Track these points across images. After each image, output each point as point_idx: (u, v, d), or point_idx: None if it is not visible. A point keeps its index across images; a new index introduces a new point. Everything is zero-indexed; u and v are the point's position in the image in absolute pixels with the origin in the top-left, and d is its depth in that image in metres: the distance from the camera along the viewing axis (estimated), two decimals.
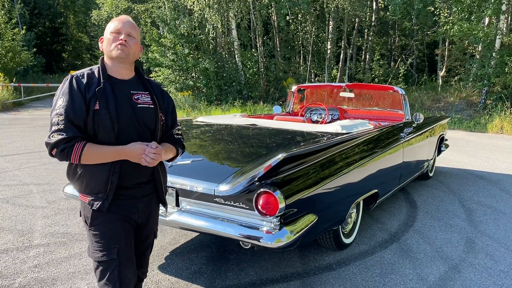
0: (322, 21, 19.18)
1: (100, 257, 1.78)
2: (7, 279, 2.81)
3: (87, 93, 1.69)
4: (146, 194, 1.90)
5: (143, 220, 1.92)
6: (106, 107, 1.70)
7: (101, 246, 1.78)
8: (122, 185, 1.78)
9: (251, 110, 14.24)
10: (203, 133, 3.83)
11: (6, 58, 19.51)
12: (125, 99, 1.78)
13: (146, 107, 1.83)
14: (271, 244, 2.32)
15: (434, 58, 19.89)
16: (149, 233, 2.00)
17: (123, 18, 1.84)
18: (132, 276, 1.85)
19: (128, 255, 1.83)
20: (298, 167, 2.63)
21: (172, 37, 16.31)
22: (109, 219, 1.78)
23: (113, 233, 1.79)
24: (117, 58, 1.78)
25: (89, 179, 1.75)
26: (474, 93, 14.08)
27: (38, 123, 12.06)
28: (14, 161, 6.58)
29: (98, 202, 1.74)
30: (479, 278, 2.94)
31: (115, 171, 1.73)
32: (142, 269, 2.06)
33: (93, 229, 1.79)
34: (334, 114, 5.37)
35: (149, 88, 1.89)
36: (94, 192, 1.76)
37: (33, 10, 32.79)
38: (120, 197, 1.79)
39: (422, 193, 5.08)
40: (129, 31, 1.80)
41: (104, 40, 1.81)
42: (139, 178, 1.84)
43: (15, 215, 4.09)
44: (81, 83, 1.71)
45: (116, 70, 1.81)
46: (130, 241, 1.86)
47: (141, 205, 1.88)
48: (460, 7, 12.58)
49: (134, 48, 1.81)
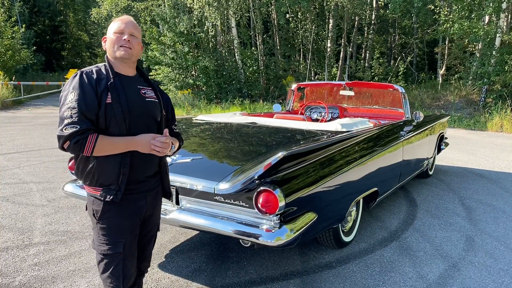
0: (322, 19, 19.16)
1: (106, 250, 1.82)
2: (7, 277, 2.82)
3: (98, 87, 1.75)
4: (153, 187, 1.98)
5: (150, 213, 1.99)
6: (118, 100, 1.76)
7: (108, 240, 1.83)
8: (132, 178, 1.83)
9: (251, 109, 14.24)
10: (203, 131, 3.83)
11: (6, 56, 19.50)
12: (134, 92, 1.86)
13: (153, 101, 1.92)
14: (271, 242, 2.32)
15: (434, 56, 19.90)
16: (153, 225, 2.06)
17: (126, 19, 1.89)
18: (134, 271, 1.93)
19: (132, 250, 1.90)
20: (298, 165, 2.63)
21: (172, 35, 16.30)
22: (118, 213, 1.83)
23: (121, 228, 1.84)
24: (121, 58, 1.84)
25: (101, 171, 1.79)
26: (474, 92, 14.08)
27: (38, 121, 12.06)
28: (14, 160, 6.58)
29: (111, 193, 1.79)
30: (478, 276, 2.94)
31: (125, 163, 1.78)
32: (145, 263, 2.11)
33: (102, 223, 1.83)
34: (334, 113, 5.37)
35: (151, 84, 1.99)
36: (106, 184, 1.80)
37: (32, 8, 32.76)
38: (130, 191, 1.84)
39: (422, 191, 5.09)
40: (131, 31, 1.86)
41: (107, 40, 1.86)
42: (147, 171, 1.91)
43: (15, 213, 4.09)
44: (91, 78, 1.76)
45: (120, 68, 1.87)
46: (135, 236, 1.92)
47: (149, 198, 1.95)
48: (460, 5, 12.57)
49: (136, 48, 1.88)
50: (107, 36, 1.88)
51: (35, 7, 33.28)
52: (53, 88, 20.75)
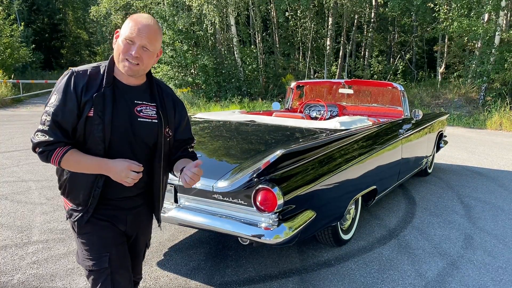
0: (321, 17, 19.14)
1: (91, 266, 1.64)
2: (6, 276, 2.81)
3: (84, 95, 1.52)
4: (135, 206, 1.74)
5: (132, 233, 1.77)
6: (101, 116, 1.53)
7: (91, 255, 1.64)
8: (106, 197, 1.63)
9: (250, 107, 14.23)
10: (202, 129, 3.82)
11: (5, 55, 19.48)
12: (125, 109, 1.59)
13: (148, 122, 1.64)
14: (269, 240, 2.32)
15: (433, 54, 19.88)
16: (140, 244, 1.86)
17: (143, 23, 1.54)
18: (127, 283, 1.70)
19: (121, 261, 1.68)
20: (296, 163, 2.63)
21: (171, 33, 16.27)
22: (98, 226, 1.64)
23: (103, 241, 1.65)
24: (125, 73, 1.58)
25: (72, 187, 1.62)
26: (473, 90, 14.08)
27: (37, 119, 12.00)
28: (12, 158, 6.57)
29: (77, 214, 1.63)
30: (477, 274, 2.95)
31: (98, 186, 1.58)
32: (136, 275, 1.91)
33: (81, 237, 1.66)
34: (333, 111, 5.37)
35: (156, 100, 1.68)
36: (75, 203, 1.63)
37: (31, 6, 32.67)
38: (104, 207, 1.65)
39: (420, 189, 5.09)
40: (144, 43, 1.53)
41: (116, 43, 1.58)
42: (126, 193, 1.67)
43: (13, 212, 4.08)
44: (79, 83, 1.53)
45: (123, 75, 1.61)
46: (121, 246, 1.71)
47: (130, 217, 1.73)
48: (459, 3, 12.57)
49: (147, 61, 1.57)
50: (119, 35, 1.58)
51: (34, 5, 33.20)
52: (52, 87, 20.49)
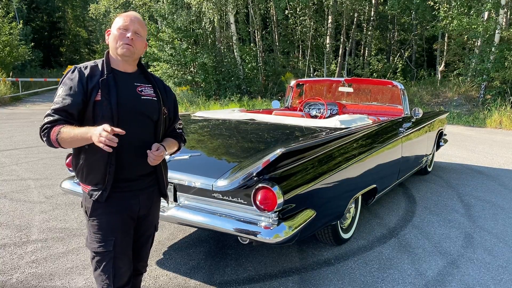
0: (320, 15, 19.09)
1: (96, 247, 1.81)
2: (5, 275, 2.80)
3: (89, 83, 1.73)
4: (147, 186, 1.92)
5: (144, 212, 1.94)
6: (108, 97, 1.73)
7: (99, 237, 1.81)
8: (122, 177, 1.80)
9: (250, 105, 14.21)
10: (201, 128, 3.81)
11: (4, 53, 19.42)
12: (128, 90, 1.81)
13: (150, 99, 1.86)
14: (269, 239, 2.31)
15: (433, 53, 19.87)
16: (149, 225, 2.01)
17: (131, 15, 1.85)
18: (127, 269, 1.87)
19: (124, 248, 1.85)
20: (296, 162, 2.62)
21: (170, 32, 16.24)
22: (109, 211, 1.80)
23: (111, 225, 1.81)
24: (122, 55, 1.81)
25: (88, 170, 1.78)
26: (473, 88, 14.07)
27: (36, 117, 12.01)
28: (12, 156, 6.56)
29: (97, 193, 1.77)
30: (477, 273, 2.94)
31: (111, 163, 1.74)
32: (142, 262, 2.07)
33: (92, 220, 1.82)
34: (333, 109, 5.36)
35: (152, 81, 1.92)
36: (93, 183, 1.79)
37: (30, 4, 32.59)
38: (120, 189, 1.81)
39: (420, 188, 5.08)
40: (136, 29, 1.81)
41: (111, 35, 1.82)
42: (139, 171, 1.86)
43: (12, 210, 4.07)
44: (83, 74, 1.75)
45: (119, 64, 1.84)
46: (127, 234, 1.87)
47: (143, 197, 1.90)
48: (459, 1, 12.56)
49: (139, 46, 1.84)
50: (111, 31, 1.84)
51: (33, 3, 33.12)
52: (51, 85, 20.62)
